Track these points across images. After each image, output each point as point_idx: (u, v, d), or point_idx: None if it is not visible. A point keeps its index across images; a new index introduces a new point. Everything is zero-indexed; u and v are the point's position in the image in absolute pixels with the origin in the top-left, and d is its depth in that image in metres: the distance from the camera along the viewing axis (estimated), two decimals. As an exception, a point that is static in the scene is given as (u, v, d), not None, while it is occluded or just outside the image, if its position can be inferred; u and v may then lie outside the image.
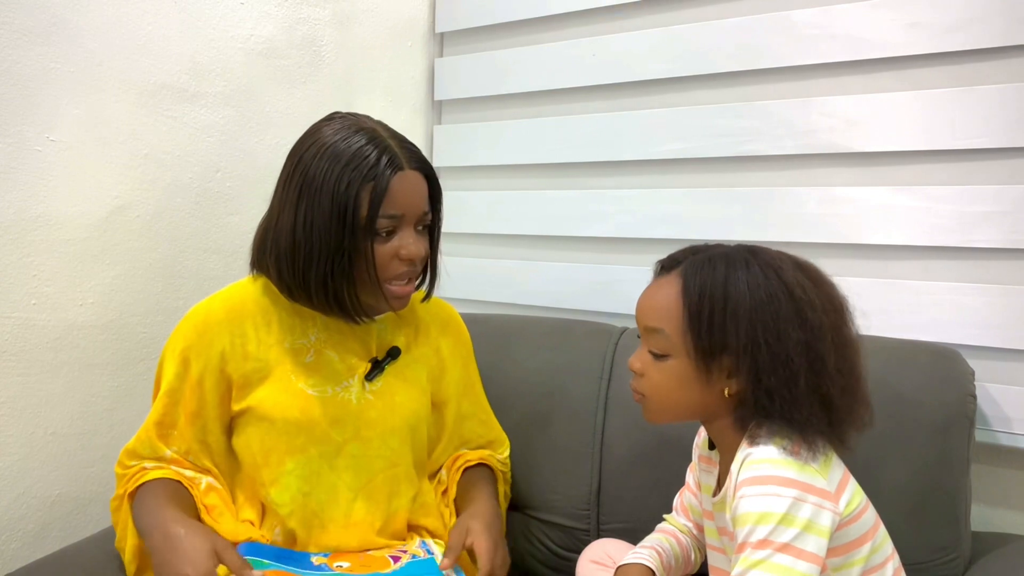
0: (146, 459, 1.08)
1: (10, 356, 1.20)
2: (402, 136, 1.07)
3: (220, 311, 1.09)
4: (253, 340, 1.08)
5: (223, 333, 1.07)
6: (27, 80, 1.19)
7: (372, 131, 1.04)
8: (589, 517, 1.30)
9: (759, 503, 0.80)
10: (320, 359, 1.10)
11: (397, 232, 1.03)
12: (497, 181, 1.75)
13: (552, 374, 1.35)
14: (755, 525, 0.79)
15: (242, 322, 1.09)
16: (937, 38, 1.24)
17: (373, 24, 1.71)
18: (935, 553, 1.09)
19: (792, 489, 0.80)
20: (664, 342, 0.88)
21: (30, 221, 1.21)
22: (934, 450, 1.10)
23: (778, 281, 0.85)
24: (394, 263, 1.04)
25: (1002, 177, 1.22)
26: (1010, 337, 1.21)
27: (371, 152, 1.01)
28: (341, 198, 0.99)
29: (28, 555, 1.21)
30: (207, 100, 1.42)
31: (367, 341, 1.13)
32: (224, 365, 1.07)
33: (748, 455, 0.84)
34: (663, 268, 0.93)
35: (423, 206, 1.05)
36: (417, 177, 1.04)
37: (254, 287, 1.11)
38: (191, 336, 1.08)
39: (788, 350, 0.83)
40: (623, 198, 1.55)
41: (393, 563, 1.04)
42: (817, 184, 1.36)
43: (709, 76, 1.45)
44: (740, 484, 0.83)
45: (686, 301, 0.86)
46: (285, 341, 1.09)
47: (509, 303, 1.70)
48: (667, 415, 0.92)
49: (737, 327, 0.83)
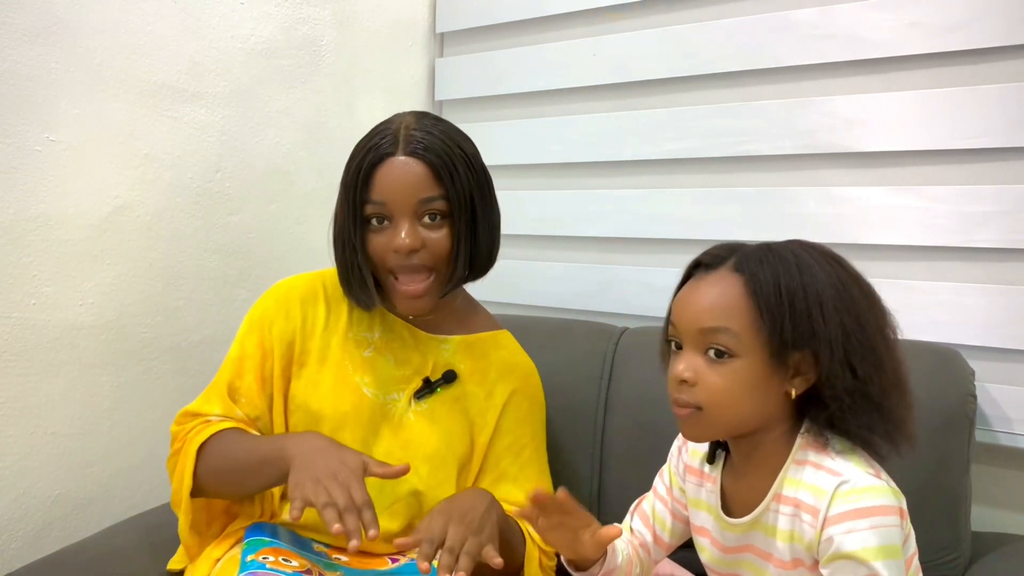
0: (211, 416, 1.05)
1: (10, 356, 1.20)
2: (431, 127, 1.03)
3: (301, 287, 1.12)
4: (323, 321, 1.10)
5: (300, 308, 1.10)
6: (27, 80, 1.19)
7: (397, 120, 1.04)
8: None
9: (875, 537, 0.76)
10: (377, 358, 1.09)
11: (392, 222, 1.01)
12: (497, 181, 1.73)
13: (552, 374, 1.35)
14: (875, 561, 0.75)
15: (316, 302, 1.11)
16: (937, 38, 1.24)
17: (373, 24, 1.71)
18: (935, 553, 1.09)
19: (896, 517, 0.78)
20: (731, 341, 0.80)
21: (30, 221, 1.21)
22: (934, 450, 1.10)
23: (841, 268, 0.83)
24: (389, 254, 1.01)
25: (1002, 177, 1.22)
26: (1010, 337, 1.20)
27: (372, 139, 1.02)
28: (347, 186, 1.03)
29: (28, 555, 1.21)
30: (207, 100, 1.42)
31: (427, 357, 1.11)
32: (291, 340, 1.08)
33: (843, 483, 0.78)
34: (704, 267, 0.85)
35: (418, 195, 1.00)
36: (412, 163, 1.00)
37: (334, 273, 1.12)
38: (271, 306, 1.10)
39: (872, 336, 0.80)
40: (623, 198, 1.55)
41: (391, 563, 1.04)
42: (817, 184, 1.36)
43: (709, 76, 1.45)
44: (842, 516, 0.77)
45: (759, 293, 0.79)
46: (350, 330, 1.10)
47: (509, 303, 1.69)
48: (724, 425, 0.84)
49: (824, 314, 0.78)
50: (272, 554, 0.96)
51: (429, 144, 1.01)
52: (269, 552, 0.96)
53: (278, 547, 0.98)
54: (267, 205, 1.54)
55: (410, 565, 1.04)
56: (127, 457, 1.37)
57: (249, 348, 1.08)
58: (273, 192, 1.55)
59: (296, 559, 0.97)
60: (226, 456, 1.00)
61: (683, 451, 0.98)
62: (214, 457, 1.00)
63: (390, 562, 1.05)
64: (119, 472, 1.36)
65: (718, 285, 0.83)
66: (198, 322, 1.45)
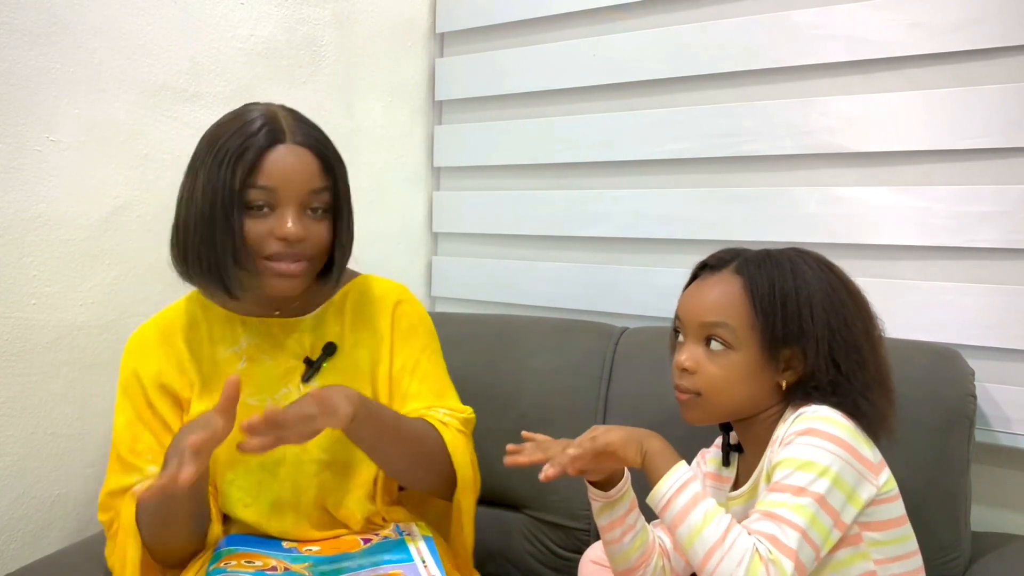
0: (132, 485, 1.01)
1: (10, 356, 1.20)
2: (308, 120, 1.02)
3: (151, 332, 1.09)
4: (186, 353, 1.07)
5: (157, 353, 1.07)
6: (27, 80, 1.19)
7: (268, 109, 1.01)
8: (589, 517, 1.30)
9: (808, 452, 0.82)
10: (254, 366, 1.07)
11: (276, 209, 0.98)
12: (497, 181, 1.75)
13: (552, 374, 1.35)
14: (796, 470, 0.81)
15: (173, 339, 1.08)
16: (937, 38, 1.24)
17: (373, 24, 1.71)
18: (935, 553, 1.09)
19: (842, 450, 0.83)
20: (728, 335, 0.90)
21: (30, 221, 1.21)
22: (934, 450, 1.10)
23: (832, 275, 0.92)
24: (269, 241, 0.97)
25: (1002, 177, 1.22)
26: (1010, 337, 1.21)
27: (254, 124, 0.97)
28: (214, 168, 0.96)
29: (28, 555, 1.21)
30: (207, 100, 1.42)
31: (301, 340, 1.09)
32: (165, 382, 1.06)
33: (802, 412, 0.86)
34: (709, 268, 0.96)
35: (308, 184, 0.98)
36: (303, 153, 0.98)
37: (183, 302, 1.11)
38: (130, 364, 1.08)
39: (856, 336, 0.89)
40: (623, 198, 1.55)
41: (363, 544, 1.05)
42: (817, 184, 1.36)
43: (709, 76, 1.45)
44: (792, 435, 0.85)
45: (755, 293, 0.89)
46: (217, 351, 1.08)
47: (509, 303, 1.70)
48: (720, 410, 0.93)
49: (812, 315, 0.88)
50: (235, 559, 0.97)
51: (317, 136, 1.01)
52: (232, 558, 0.97)
53: (243, 551, 0.99)
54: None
55: (380, 545, 1.04)
56: (127, 457, 1.37)
57: (130, 412, 1.06)
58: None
59: (260, 559, 0.97)
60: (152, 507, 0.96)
61: (700, 464, 1.05)
62: (148, 516, 0.97)
63: (362, 543, 1.05)
64: (119, 472, 1.36)
65: (720, 285, 0.93)
66: (198, 322, 1.44)
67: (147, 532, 0.97)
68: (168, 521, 0.98)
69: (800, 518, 0.79)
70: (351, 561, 1.00)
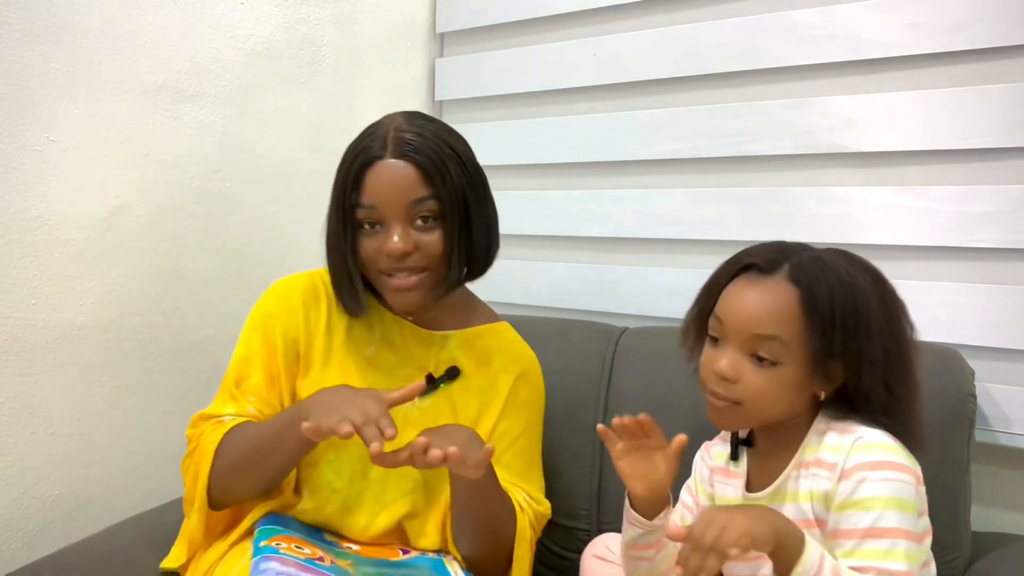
0: (223, 416, 1.04)
1: (10, 356, 1.20)
2: (420, 125, 1.02)
3: (302, 285, 1.12)
4: (325, 320, 1.10)
5: (297, 308, 1.09)
6: (27, 80, 1.19)
7: (383, 122, 1.03)
8: (589, 517, 1.30)
9: (886, 488, 0.81)
10: (380, 356, 1.09)
11: (384, 225, 1.00)
12: (497, 181, 1.72)
13: (552, 374, 1.35)
14: (884, 510, 0.80)
15: (318, 301, 1.11)
16: (937, 38, 1.24)
17: (373, 24, 1.71)
18: (935, 553, 1.08)
19: (912, 477, 0.82)
20: (779, 349, 0.85)
21: (30, 221, 1.21)
22: (934, 450, 1.09)
23: (884, 288, 0.87)
24: (381, 257, 1.00)
25: (1002, 177, 1.22)
26: (1010, 337, 1.20)
27: (362, 143, 1.02)
28: (337, 188, 1.03)
29: (28, 555, 1.21)
30: (207, 100, 1.42)
31: (428, 354, 1.11)
32: (295, 336, 1.08)
33: (859, 439, 0.84)
34: (759, 270, 0.88)
35: (408, 196, 0.99)
36: (400, 166, 0.99)
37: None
38: (273, 305, 1.10)
39: (908, 355, 0.86)
40: (623, 198, 1.55)
41: (403, 555, 1.05)
42: (817, 184, 1.36)
43: (709, 76, 1.45)
44: (857, 467, 0.82)
45: (814, 310, 0.84)
46: (352, 328, 1.10)
47: (509, 303, 1.69)
48: (756, 421, 0.91)
49: (870, 335, 0.84)
50: (285, 541, 0.97)
51: (418, 145, 0.99)
52: (282, 539, 0.98)
53: (290, 535, 0.99)
54: (267, 205, 1.54)
55: (420, 558, 1.04)
56: (127, 457, 1.37)
57: (254, 347, 1.08)
58: (273, 192, 1.55)
59: (308, 547, 0.98)
60: (245, 442, 0.99)
61: (705, 458, 1.03)
62: (232, 449, 1.00)
63: (401, 553, 1.05)
64: (119, 472, 1.36)
65: (774, 294, 0.86)
66: (198, 322, 1.45)
67: (228, 462, 0.99)
68: (260, 463, 1.00)
69: (902, 564, 0.78)
70: (391, 569, 1.00)
